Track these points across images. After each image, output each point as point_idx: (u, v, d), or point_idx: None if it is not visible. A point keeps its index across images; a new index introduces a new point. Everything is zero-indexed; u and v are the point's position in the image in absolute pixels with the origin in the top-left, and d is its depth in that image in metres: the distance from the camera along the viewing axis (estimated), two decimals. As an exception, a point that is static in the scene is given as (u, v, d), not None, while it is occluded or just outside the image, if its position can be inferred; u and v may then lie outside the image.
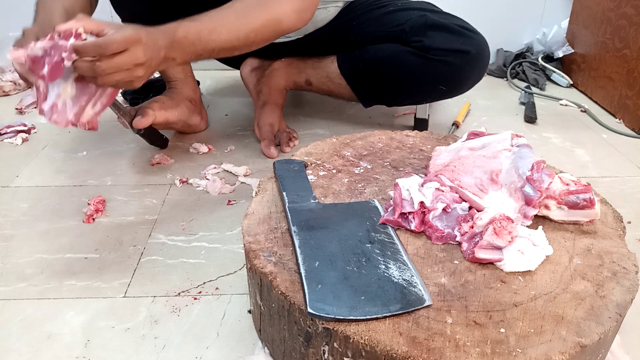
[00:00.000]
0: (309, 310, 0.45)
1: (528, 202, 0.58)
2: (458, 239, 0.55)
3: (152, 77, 1.41)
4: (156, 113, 0.96)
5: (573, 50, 1.50)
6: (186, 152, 1.06)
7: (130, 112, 0.96)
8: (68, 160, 1.02)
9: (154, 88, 1.28)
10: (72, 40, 0.62)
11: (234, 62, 1.22)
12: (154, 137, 1.03)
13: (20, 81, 1.36)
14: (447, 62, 0.96)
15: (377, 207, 0.61)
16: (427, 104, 1.14)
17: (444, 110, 1.28)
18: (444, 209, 0.57)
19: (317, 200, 0.62)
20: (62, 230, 0.80)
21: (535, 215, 0.58)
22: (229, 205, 0.87)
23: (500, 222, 0.53)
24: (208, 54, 0.76)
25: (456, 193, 0.60)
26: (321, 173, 0.69)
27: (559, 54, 1.51)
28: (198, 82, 1.38)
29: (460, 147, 0.68)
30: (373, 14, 1.07)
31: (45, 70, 0.61)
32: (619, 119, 1.25)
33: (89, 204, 0.84)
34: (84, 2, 0.90)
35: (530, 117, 1.23)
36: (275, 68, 1.11)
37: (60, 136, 1.12)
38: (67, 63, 0.61)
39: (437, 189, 0.59)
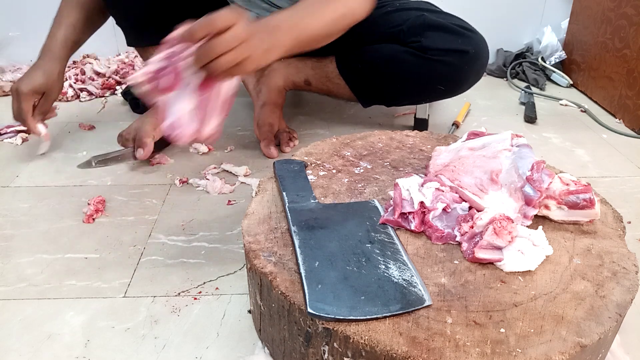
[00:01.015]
0: (309, 310, 0.45)
1: (528, 202, 0.58)
2: (458, 239, 0.55)
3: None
4: (153, 135, 0.98)
5: (566, 57, 1.50)
6: (186, 152, 1.06)
7: (127, 142, 0.99)
8: (68, 160, 1.02)
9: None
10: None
11: None
12: (159, 143, 1.03)
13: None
14: (446, 62, 0.96)
15: (377, 207, 0.61)
16: (427, 104, 1.14)
17: (444, 110, 1.28)
18: (444, 209, 0.57)
19: (317, 200, 0.62)
20: (62, 230, 0.80)
21: (535, 215, 0.58)
22: (229, 205, 0.87)
23: (500, 222, 0.53)
24: (303, 45, 0.78)
25: (456, 193, 0.60)
26: (321, 173, 0.69)
27: (552, 60, 1.51)
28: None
29: (460, 147, 0.68)
30: (372, 15, 1.07)
31: (166, 80, 0.60)
32: (619, 119, 1.25)
33: (89, 204, 0.84)
34: (88, 18, 0.98)
35: (530, 117, 1.23)
36: (274, 68, 1.11)
37: (60, 136, 1.12)
38: (184, 64, 0.60)
39: (437, 189, 0.59)
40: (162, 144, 1.04)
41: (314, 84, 1.10)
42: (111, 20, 1.49)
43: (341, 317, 0.45)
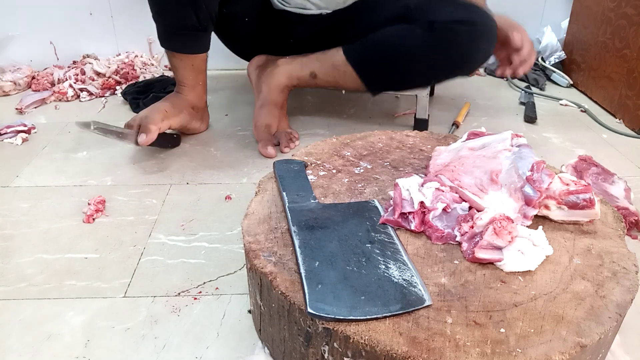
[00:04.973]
0: (309, 310, 0.45)
1: (528, 202, 0.58)
2: (458, 239, 0.55)
3: (152, 76, 1.42)
4: (160, 125, 0.98)
5: (566, 57, 1.50)
6: (187, 153, 1.05)
7: (131, 127, 0.97)
8: (68, 160, 1.02)
9: (154, 88, 1.29)
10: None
11: (247, 55, 1.23)
12: (164, 140, 1.03)
13: (20, 81, 1.36)
14: (454, 33, 0.93)
15: (377, 207, 0.61)
16: (427, 104, 1.14)
17: (444, 110, 1.28)
18: (444, 209, 0.57)
19: (317, 200, 0.62)
20: (62, 230, 0.80)
21: (535, 215, 0.58)
22: (227, 200, 0.87)
23: (500, 222, 0.53)
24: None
25: (456, 193, 0.60)
26: (321, 173, 0.69)
27: (552, 60, 1.51)
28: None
29: (460, 147, 0.68)
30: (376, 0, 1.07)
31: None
32: (619, 119, 1.25)
33: (89, 204, 0.84)
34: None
35: (530, 117, 1.23)
36: (278, 65, 1.10)
37: (60, 136, 1.12)
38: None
39: (437, 189, 0.59)
40: (165, 141, 1.04)
41: (320, 76, 1.07)
42: (110, 21, 1.49)
43: (341, 317, 0.45)
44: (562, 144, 1.13)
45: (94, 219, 0.82)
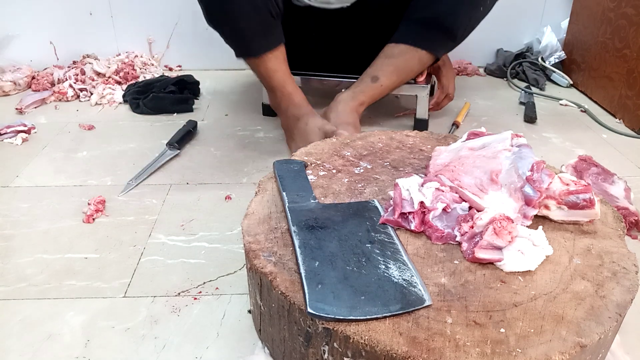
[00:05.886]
0: (309, 310, 0.45)
1: (528, 202, 0.58)
2: (458, 239, 0.55)
3: (152, 76, 1.42)
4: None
5: (565, 57, 1.50)
6: (186, 152, 1.06)
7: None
8: (68, 160, 1.02)
9: (154, 88, 1.29)
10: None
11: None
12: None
13: (20, 81, 1.36)
14: None
15: (377, 207, 0.61)
16: (427, 104, 1.14)
17: (444, 110, 1.27)
18: (444, 209, 0.57)
19: (317, 200, 0.62)
20: (62, 230, 0.80)
21: (535, 215, 0.58)
22: (227, 200, 0.87)
23: (500, 222, 0.53)
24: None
25: (456, 193, 0.60)
26: (321, 173, 0.69)
27: (552, 60, 1.51)
28: (198, 82, 1.38)
29: (460, 147, 0.68)
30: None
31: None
32: (619, 119, 1.25)
33: (89, 204, 0.84)
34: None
35: (530, 117, 1.23)
36: (336, 98, 1.06)
37: (60, 136, 1.12)
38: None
39: (437, 189, 0.59)
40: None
41: (381, 76, 1.04)
42: (110, 21, 1.49)
43: (341, 317, 0.45)
44: (562, 144, 1.13)
45: (94, 219, 0.82)
